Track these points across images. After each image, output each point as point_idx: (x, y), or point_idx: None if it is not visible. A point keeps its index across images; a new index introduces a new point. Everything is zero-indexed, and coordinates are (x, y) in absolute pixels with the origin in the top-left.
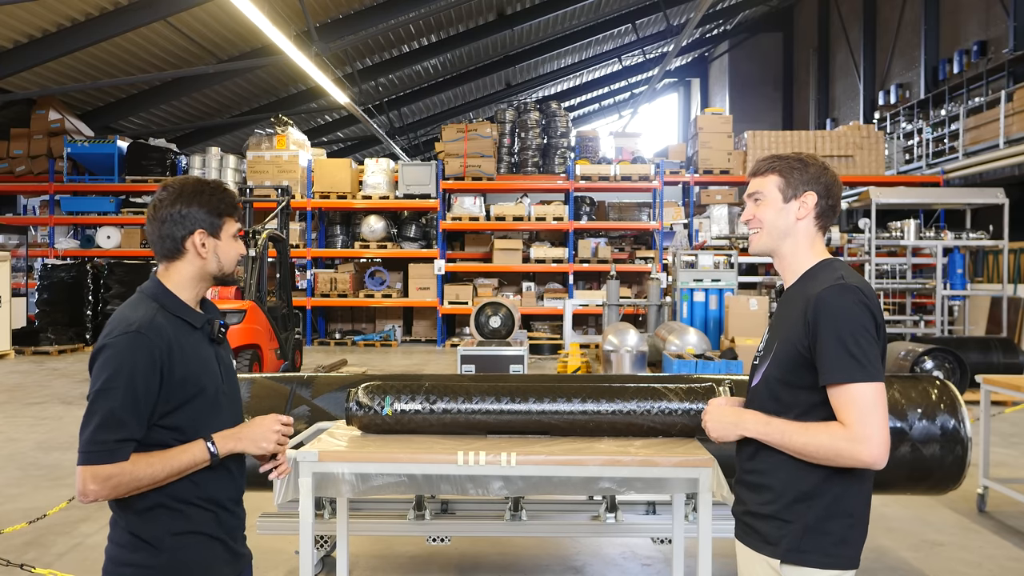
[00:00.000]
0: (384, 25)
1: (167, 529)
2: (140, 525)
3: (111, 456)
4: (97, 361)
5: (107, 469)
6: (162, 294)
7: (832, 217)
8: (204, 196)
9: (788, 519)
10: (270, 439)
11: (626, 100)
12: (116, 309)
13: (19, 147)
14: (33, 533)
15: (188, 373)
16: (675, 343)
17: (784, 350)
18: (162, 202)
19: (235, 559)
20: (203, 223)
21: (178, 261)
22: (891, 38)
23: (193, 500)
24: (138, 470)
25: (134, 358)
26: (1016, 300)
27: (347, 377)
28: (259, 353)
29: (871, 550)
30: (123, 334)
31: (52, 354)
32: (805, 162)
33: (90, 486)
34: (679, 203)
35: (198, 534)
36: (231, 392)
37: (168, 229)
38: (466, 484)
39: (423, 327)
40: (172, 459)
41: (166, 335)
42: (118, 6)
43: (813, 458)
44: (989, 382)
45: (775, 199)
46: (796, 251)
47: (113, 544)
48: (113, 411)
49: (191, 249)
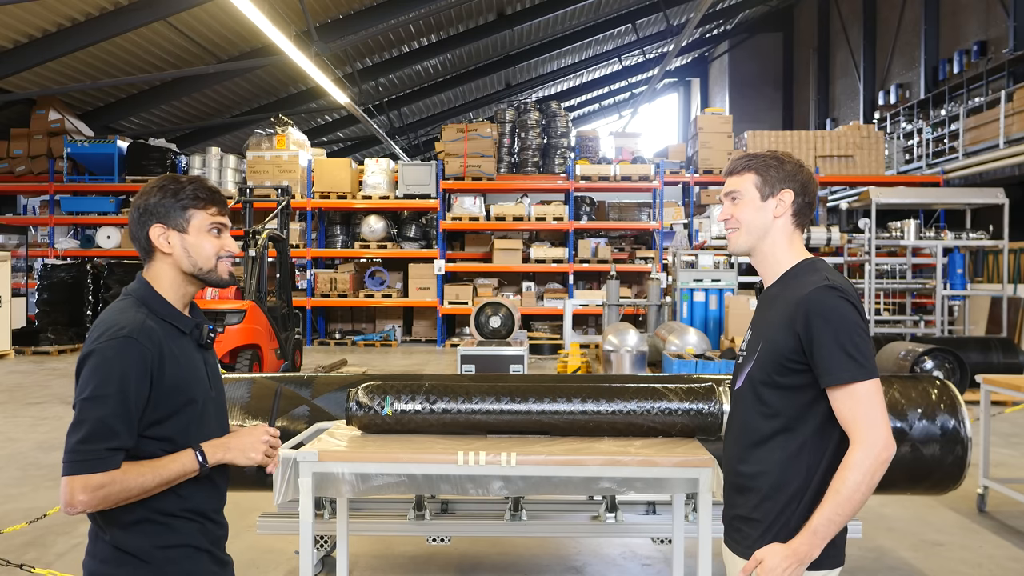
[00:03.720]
0: (384, 25)
1: (154, 543)
2: (126, 539)
3: (103, 464)
4: (85, 366)
5: (98, 478)
6: (150, 297)
7: (809, 215)
8: (165, 190)
9: (777, 521)
10: (258, 449)
11: (626, 100)
12: (103, 311)
13: (19, 147)
14: (33, 533)
15: (179, 381)
16: (675, 343)
17: (768, 351)
18: (135, 201)
19: (221, 569)
20: (161, 217)
21: (153, 261)
22: (891, 38)
23: (178, 512)
24: (128, 479)
25: (125, 364)
26: (1016, 300)
27: (347, 377)
28: (259, 353)
29: (871, 550)
30: (113, 339)
31: (52, 354)
32: (781, 160)
33: (79, 496)
34: (679, 203)
35: (185, 547)
36: (218, 400)
37: (134, 228)
38: (466, 484)
39: (423, 327)
40: (162, 468)
41: (157, 340)
42: (118, 6)
43: (865, 496)
44: (989, 382)
45: (752, 197)
46: (775, 250)
47: (95, 560)
48: (104, 419)
49: (156, 246)
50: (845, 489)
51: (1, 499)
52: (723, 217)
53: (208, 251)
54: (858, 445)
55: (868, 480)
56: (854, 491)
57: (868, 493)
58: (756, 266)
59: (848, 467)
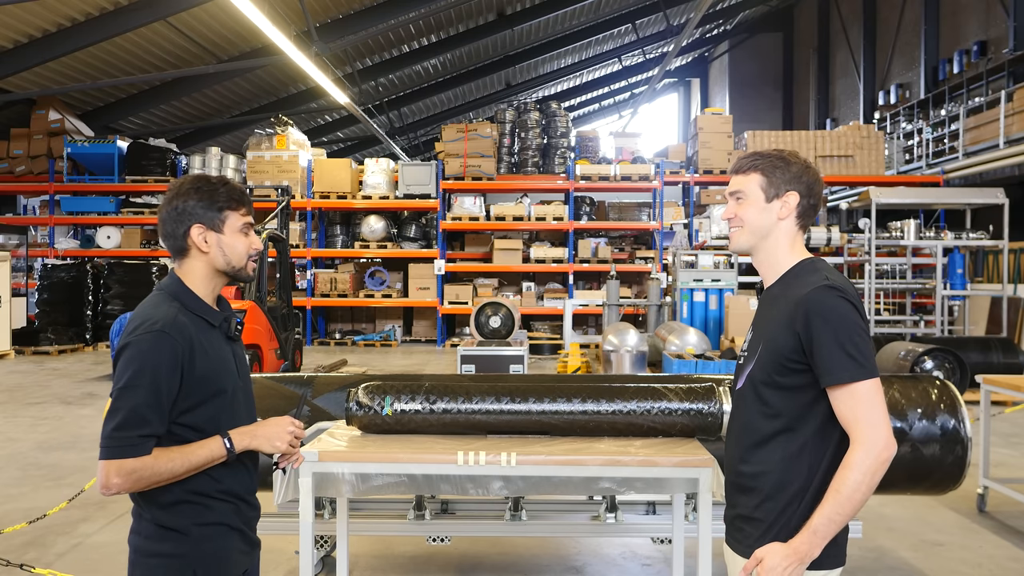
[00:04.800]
0: (384, 25)
1: (192, 520)
2: (166, 517)
3: (135, 450)
4: (121, 358)
5: (131, 463)
6: (182, 292)
7: (813, 216)
8: (201, 191)
9: (778, 521)
10: (284, 439)
11: (626, 100)
12: (138, 306)
13: (19, 147)
14: (33, 533)
15: (208, 371)
16: (675, 343)
17: (769, 351)
18: (165, 201)
19: (251, 548)
20: (200, 217)
21: (187, 258)
22: (891, 38)
23: (214, 494)
24: (159, 464)
25: (158, 357)
26: (1016, 300)
27: (347, 377)
28: (259, 353)
29: (871, 550)
30: (147, 332)
31: (52, 354)
32: (787, 160)
33: (114, 479)
34: (679, 203)
35: (220, 525)
36: (246, 389)
37: (170, 227)
38: (466, 484)
39: (423, 327)
40: (191, 454)
41: (188, 334)
42: (118, 6)
43: (866, 496)
44: (989, 382)
45: (757, 198)
46: (776, 250)
47: (138, 536)
48: (137, 407)
49: (193, 245)
50: (845, 488)
51: (1, 499)
52: (727, 215)
53: (241, 250)
54: (858, 445)
55: (868, 480)
56: (854, 490)
57: (869, 493)
58: (757, 266)
59: (848, 467)
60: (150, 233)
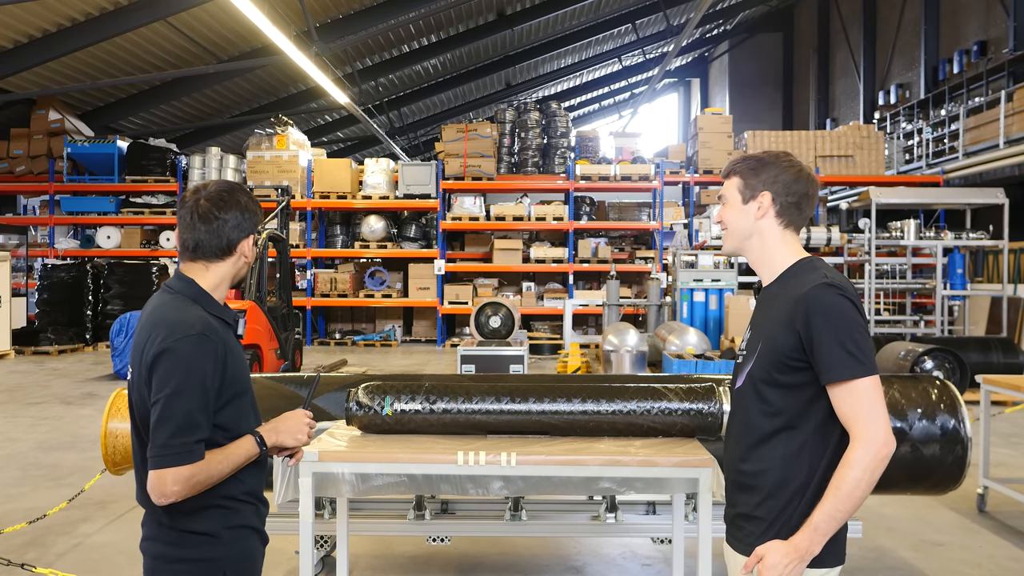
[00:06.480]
0: (384, 25)
1: (222, 524)
2: (194, 523)
3: (192, 456)
4: (161, 364)
5: (188, 469)
6: (200, 294)
7: (798, 213)
8: (255, 203)
9: (779, 519)
10: (303, 431)
11: (626, 100)
12: (159, 311)
13: (19, 147)
14: (33, 533)
15: (237, 371)
16: (675, 343)
17: (768, 349)
18: (222, 204)
19: (263, 547)
20: (254, 229)
21: (222, 262)
22: (891, 38)
23: (240, 496)
24: (211, 467)
25: (203, 360)
26: (1016, 300)
27: (347, 377)
28: (259, 353)
29: (871, 550)
30: (186, 336)
31: (52, 354)
32: (764, 162)
33: (173, 487)
34: (679, 203)
35: (244, 527)
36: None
37: (228, 231)
38: (466, 484)
39: (423, 327)
40: (232, 454)
41: (221, 336)
42: (118, 6)
43: (866, 493)
44: (989, 382)
45: (736, 201)
46: (765, 250)
47: (157, 542)
48: (190, 413)
49: (239, 252)
50: (845, 486)
51: (1, 499)
52: (716, 220)
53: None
54: (858, 442)
55: (868, 477)
56: (854, 487)
57: (868, 490)
58: (752, 266)
59: (848, 464)
60: (150, 233)
